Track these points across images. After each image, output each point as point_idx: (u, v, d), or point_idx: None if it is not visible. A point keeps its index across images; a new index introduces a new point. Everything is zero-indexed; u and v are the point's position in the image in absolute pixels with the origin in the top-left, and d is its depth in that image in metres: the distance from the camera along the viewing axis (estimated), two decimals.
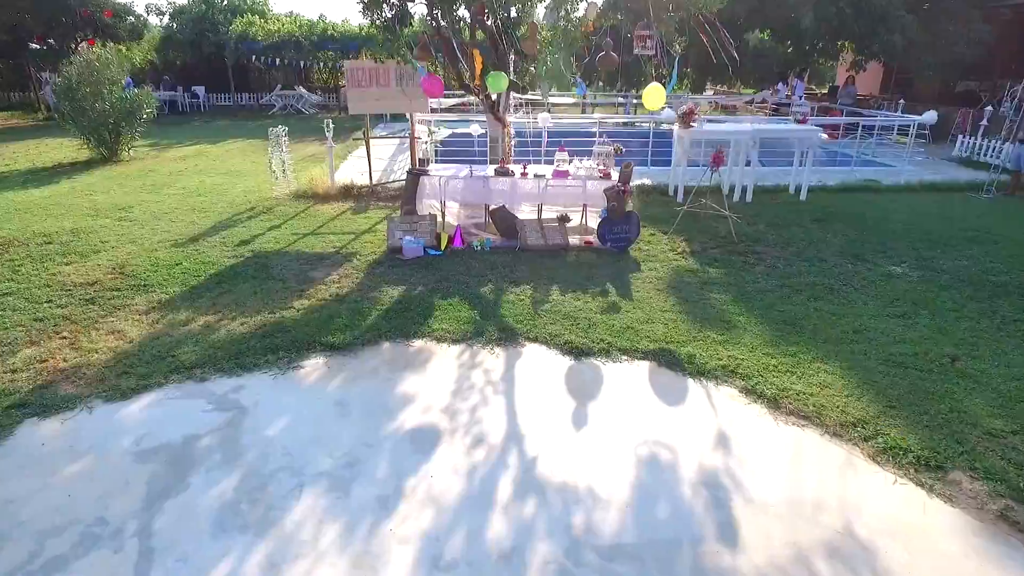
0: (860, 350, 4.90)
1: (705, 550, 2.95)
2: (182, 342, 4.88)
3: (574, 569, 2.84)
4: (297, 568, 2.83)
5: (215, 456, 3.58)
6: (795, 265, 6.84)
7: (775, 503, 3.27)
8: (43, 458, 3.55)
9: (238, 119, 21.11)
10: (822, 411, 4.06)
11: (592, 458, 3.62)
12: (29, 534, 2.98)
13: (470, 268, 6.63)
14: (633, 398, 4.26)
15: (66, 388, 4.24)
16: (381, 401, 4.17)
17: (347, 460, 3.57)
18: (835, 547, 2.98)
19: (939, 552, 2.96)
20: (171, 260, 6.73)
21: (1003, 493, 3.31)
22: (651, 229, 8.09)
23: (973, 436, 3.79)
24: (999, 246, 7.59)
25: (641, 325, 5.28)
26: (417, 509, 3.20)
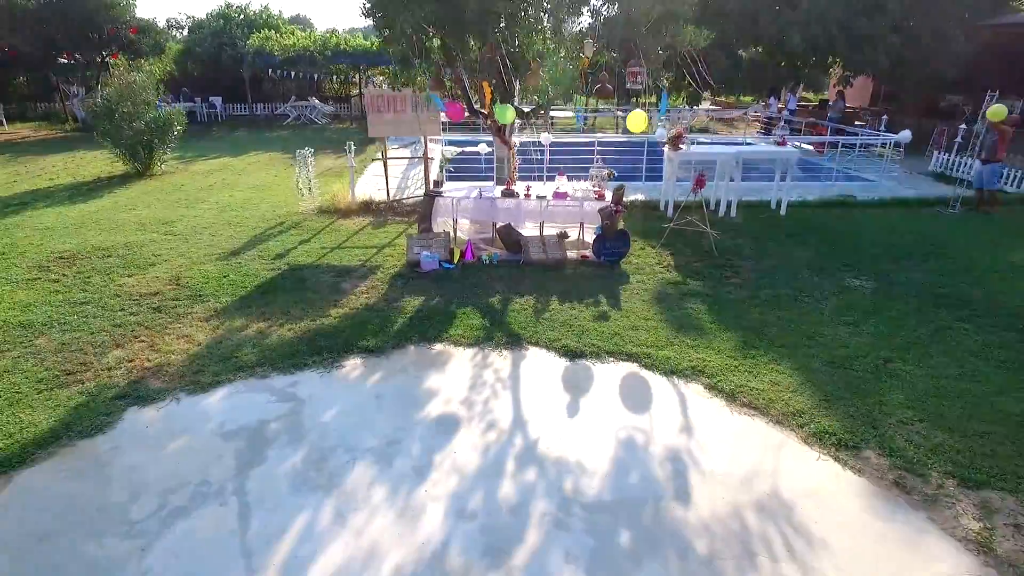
0: (810, 353, 5.83)
1: (664, 506, 3.90)
2: (241, 345, 5.84)
3: (565, 519, 3.79)
4: (357, 517, 3.79)
5: (283, 436, 4.55)
6: (766, 278, 7.78)
7: (721, 473, 4.22)
8: (149, 437, 4.52)
9: (255, 130, 22.11)
10: (770, 404, 5.00)
11: (581, 439, 4.56)
12: (155, 491, 3.95)
13: (480, 280, 7.59)
14: (616, 393, 5.21)
15: (154, 383, 5.21)
16: (411, 394, 5.13)
17: (387, 440, 4.53)
18: (763, 505, 3.92)
19: (842, 508, 3.90)
20: (219, 272, 7.71)
21: (899, 466, 4.25)
22: (641, 243, 9.03)
23: (886, 423, 4.73)
24: (951, 260, 8.51)
25: (627, 332, 6.23)
26: (444, 476, 4.15)
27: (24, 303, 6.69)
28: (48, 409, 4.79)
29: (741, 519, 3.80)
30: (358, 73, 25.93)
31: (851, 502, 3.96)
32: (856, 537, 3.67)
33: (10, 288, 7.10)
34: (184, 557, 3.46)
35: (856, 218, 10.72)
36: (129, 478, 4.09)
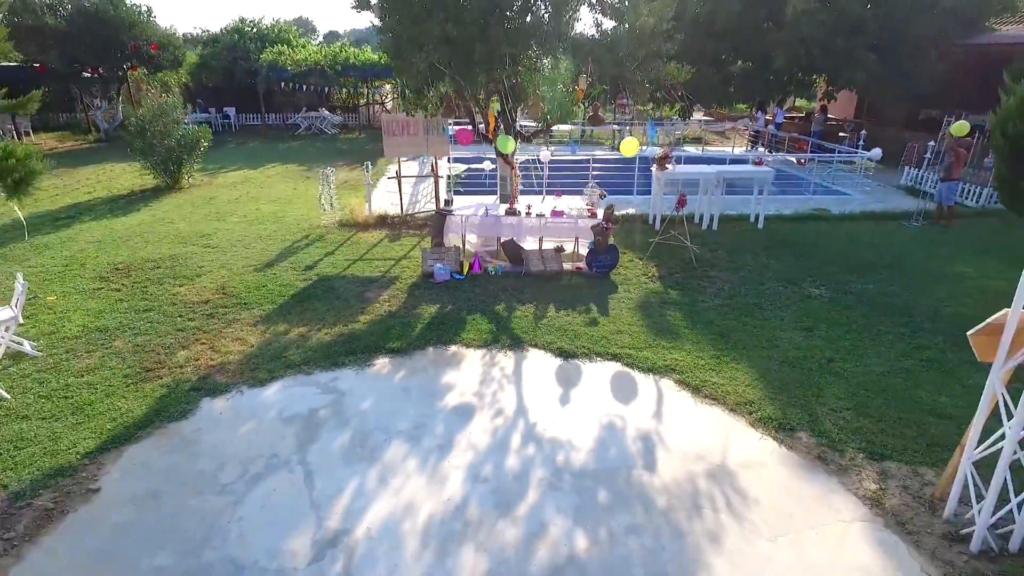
0: (766, 354, 6.92)
1: (634, 473, 4.99)
2: (288, 347, 6.94)
3: (557, 483, 4.88)
4: (396, 481, 4.88)
5: (331, 421, 5.64)
6: (738, 288, 8.87)
7: (682, 449, 5.31)
8: (224, 422, 5.62)
9: (268, 140, 23.22)
10: (727, 395, 6.09)
11: (571, 423, 5.65)
12: (236, 462, 5.05)
13: (486, 290, 8.68)
14: (601, 387, 6.30)
15: (220, 378, 6.31)
16: (432, 388, 6.22)
17: (415, 424, 5.62)
18: (712, 473, 5.02)
19: (773, 476, 4.99)
20: (258, 283, 8.80)
21: (823, 444, 5.34)
22: (630, 255, 10.13)
23: (820, 411, 5.82)
24: (904, 271, 9.60)
25: (613, 335, 7.32)
26: (463, 452, 5.25)
27: (96, 310, 7.79)
28: (138, 399, 5.89)
29: (694, 483, 4.89)
30: (366, 85, 27.02)
31: (781, 471, 5.05)
32: (781, 496, 4.76)
33: (81, 297, 8.20)
34: (267, 509, 4.56)
35: (826, 231, 11.81)
36: (214, 452, 5.19)
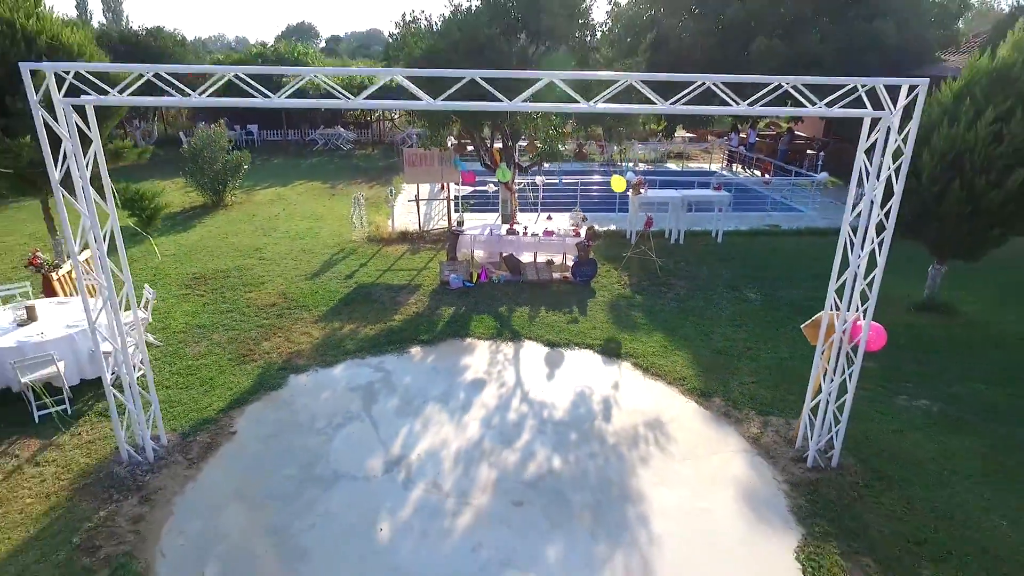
0: (702, 344, 9.24)
1: (595, 423, 7.31)
2: (344, 339, 9.25)
3: (543, 428, 7.19)
4: (433, 427, 7.19)
5: (384, 390, 7.95)
6: (691, 293, 11.19)
7: (629, 408, 7.62)
8: (308, 390, 7.93)
9: (290, 157, 25.53)
10: (667, 373, 8.41)
11: (553, 391, 7.97)
12: (322, 416, 7.36)
13: (491, 295, 11.00)
14: (577, 367, 8.62)
15: (298, 361, 8.61)
16: (454, 369, 8.54)
17: (443, 392, 7.93)
18: (647, 422, 7.33)
19: (690, 424, 7.31)
20: (311, 289, 11.11)
21: (729, 404, 7.65)
22: (607, 267, 12.44)
23: (732, 383, 8.14)
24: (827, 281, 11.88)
25: (588, 330, 9.64)
26: (478, 410, 7.56)
27: (191, 311, 10.10)
28: (243, 376, 8.20)
29: (635, 429, 7.21)
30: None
31: (696, 422, 7.37)
32: (693, 437, 7.08)
33: (175, 301, 10.51)
34: (350, 444, 6.87)
35: (774, 244, 14.13)
36: (305, 410, 7.50)
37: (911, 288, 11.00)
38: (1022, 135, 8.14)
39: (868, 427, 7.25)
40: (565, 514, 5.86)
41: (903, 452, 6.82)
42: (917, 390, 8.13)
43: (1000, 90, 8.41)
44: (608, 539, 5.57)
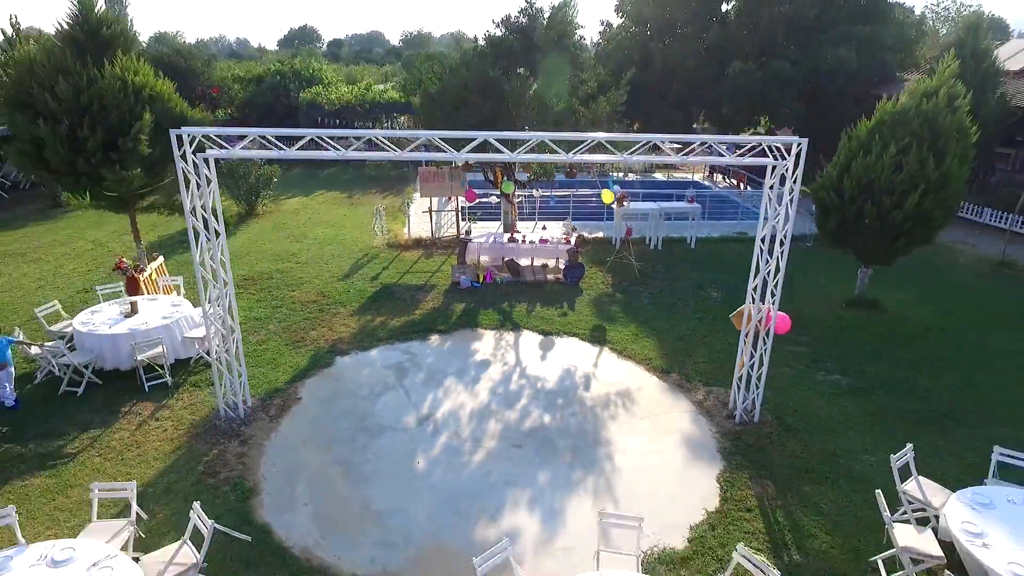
0: (668, 333, 11.37)
1: (578, 391, 9.45)
2: (376, 329, 11.38)
3: (536, 395, 9.33)
4: (452, 394, 9.32)
5: (412, 368, 10.09)
6: (664, 292, 13.32)
7: (604, 381, 9.76)
8: (353, 368, 10.06)
9: (307, 167, 27.63)
10: (637, 355, 10.54)
11: (546, 368, 10.10)
12: (365, 386, 9.50)
13: (495, 293, 13.12)
14: (566, 351, 10.75)
15: (341, 346, 10.74)
16: (466, 352, 10.67)
17: (459, 369, 10.06)
18: (618, 391, 9.47)
19: (650, 392, 9.45)
20: (343, 289, 13.24)
21: (683, 379, 9.79)
22: (594, 270, 14.57)
23: (688, 363, 10.27)
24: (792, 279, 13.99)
25: (575, 322, 11.77)
26: (486, 382, 9.70)
27: (246, 307, 12.22)
28: (300, 357, 10.33)
29: (607, 395, 9.35)
30: (388, 118, 31.38)
31: (656, 391, 9.51)
32: (652, 402, 9.22)
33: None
34: (389, 406, 9.00)
35: (739, 250, 16.24)
36: (352, 382, 9.63)
37: (845, 287, 13.14)
38: (916, 166, 10.27)
39: (788, 394, 9.39)
40: (552, 453, 8.00)
41: (811, 412, 8.96)
42: (834, 368, 10.27)
43: (900, 129, 10.54)
44: (583, 469, 7.71)
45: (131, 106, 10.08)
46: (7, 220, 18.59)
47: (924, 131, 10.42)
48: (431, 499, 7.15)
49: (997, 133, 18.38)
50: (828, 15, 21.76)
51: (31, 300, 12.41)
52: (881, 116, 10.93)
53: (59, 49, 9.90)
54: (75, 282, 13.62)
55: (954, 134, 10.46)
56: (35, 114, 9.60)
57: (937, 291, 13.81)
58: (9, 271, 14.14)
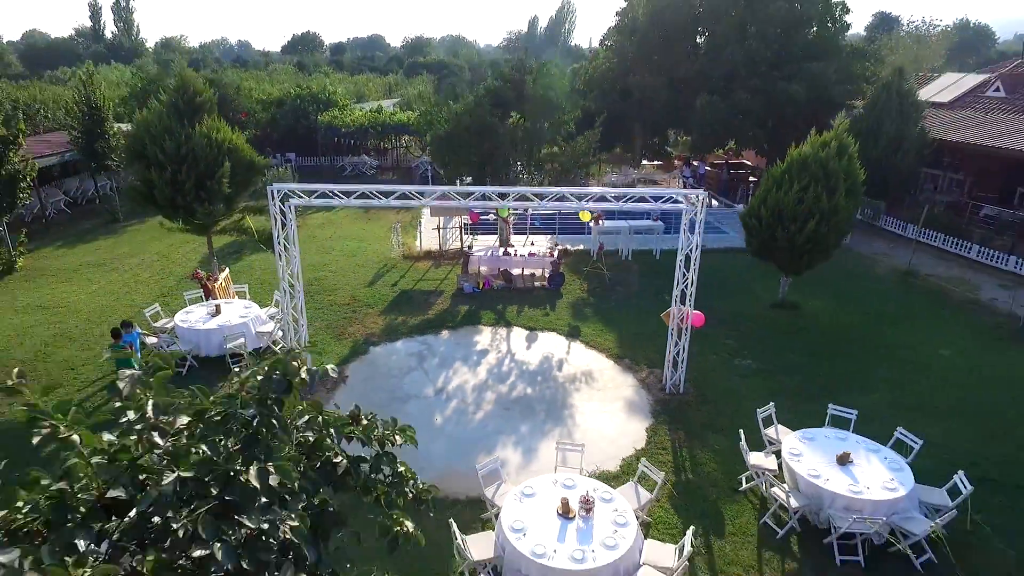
0: (627, 329, 14.60)
1: (553, 372, 12.69)
2: (399, 325, 14.61)
3: (522, 374, 12.55)
4: (459, 374, 12.55)
5: (428, 354, 13.32)
6: (629, 297, 16.54)
7: (574, 364, 12.99)
8: (384, 355, 13.29)
9: (325, 180, 30.83)
10: (601, 345, 13.78)
11: (530, 355, 13.33)
12: (395, 369, 12.73)
13: (492, 297, 16.35)
14: (546, 343, 13.98)
15: (373, 339, 13.97)
16: (469, 343, 13.90)
17: (464, 356, 13.30)
18: (584, 371, 12.70)
19: (609, 373, 12.68)
20: (370, 294, 16.46)
21: (633, 363, 13.02)
22: (572, 278, 17.79)
23: (642, 353, 13.50)
24: (724, 287, 17.24)
25: (555, 320, 15.00)
26: (485, 365, 12.93)
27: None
28: (343, 346, 13.55)
29: (574, 374, 12.58)
30: (397, 138, 34.61)
31: (610, 371, 12.74)
32: (607, 378, 12.45)
33: None
34: (414, 382, 12.22)
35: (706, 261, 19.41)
36: (384, 366, 12.86)
37: (773, 292, 16.37)
38: (813, 200, 13.48)
39: (711, 375, 12.61)
40: (531, 413, 11.22)
41: (724, 387, 12.18)
42: (749, 356, 13.50)
43: (803, 171, 13.75)
44: (553, 423, 10.93)
45: (215, 156, 13.29)
46: (80, 234, 21.82)
47: (820, 173, 13.62)
48: (446, 443, 10.36)
49: (920, 159, 21.56)
50: (783, 54, 24.95)
51: (123, 303, 15.66)
52: (790, 160, 14.13)
53: (165, 114, 13.11)
54: (153, 288, 16.84)
55: (843, 176, 13.66)
56: (147, 163, 12.85)
57: (849, 295, 17.03)
58: (99, 279, 17.37)
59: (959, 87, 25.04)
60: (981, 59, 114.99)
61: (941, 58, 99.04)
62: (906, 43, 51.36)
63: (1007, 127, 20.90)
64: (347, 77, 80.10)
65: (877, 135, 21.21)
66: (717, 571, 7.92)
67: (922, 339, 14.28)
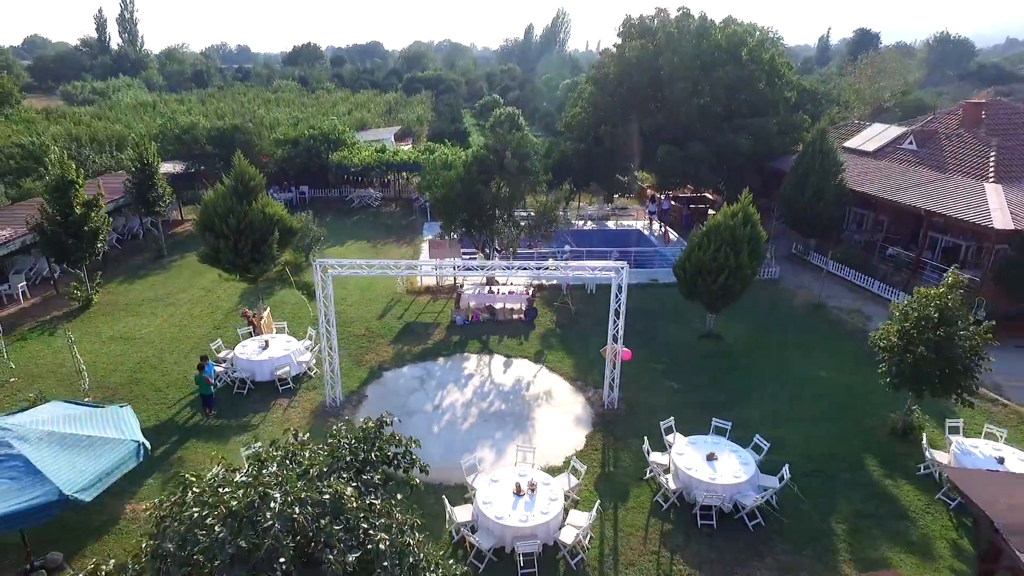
0: (583, 357, 18.73)
1: (521, 392, 16.81)
2: (405, 354, 18.73)
3: (500, 393, 16.68)
4: (452, 393, 16.66)
5: (428, 378, 17.44)
6: (589, 328, 20.65)
7: (538, 385, 17.12)
8: (393, 378, 17.42)
9: (336, 213, 34.90)
10: (561, 370, 17.92)
11: (506, 378, 17.46)
12: (403, 389, 16.85)
13: (479, 328, 20.47)
14: (520, 368, 18.11)
15: (385, 365, 18.09)
16: (459, 369, 18.03)
17: (456, 379, 17.42)
18: (545, 391, 16.83)
19: (564, 392, 16.81)
20: (381, 326, 20.57)
21: (585, 384, 17.15)
22: (545, 310, 21.90)
23: (591, 375, 17.62)
24: (663, 317, 21.37)
25: (528, 348, 19.14)
26: (472, 387, 17.05)
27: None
28: (363, 371, 17.67)
29: (538, 393, 16.70)
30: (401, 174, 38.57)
31: (566, 392, 16.87)
32: (562, 396, 16.58)
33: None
34: (417, 399, 16.34)
35: (652, 293, 23.59)
36: (394, 386, 16.98)
37: (702, 324, 20.50)
38: (723, 259, 17.58)
39: (643, 394, 16.73)
40: (503, 424, 15.34)
41: (649, 404, 16.29)
42: (676, 378, 17.61)
43: (716, 235, 17.87)
44: (518, 431, 15.04)
45: (267, 226, 17.40)
46: (133, 269, 25.91)
47: (729, 238, 17.75)
48: (440, 446, 14.46)
49: (839, 206, 25.63)
50: (730, 110, 29.07)
51: (185, 334, 19.77)
52: (711, 225, 18.24)
53: (227, 195, 17.23)
54: (206, 321, 20.92)
55: (746, 240, 17.78)
56: (215, 234, 16.96)
57: (766, 325, 21.17)
58: (160, 313, 21.47)
59: (882, 138, 29.13)
60: (962, 71, 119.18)
61: (922, 70, 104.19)
62: (891, 56, 55.67)
63: (911, 180, 25.03)
64: (348, 96, 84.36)
65: (803, 187, 25.33)
66: (619, 530, 12.05)
67: (810, 362, 18.45)
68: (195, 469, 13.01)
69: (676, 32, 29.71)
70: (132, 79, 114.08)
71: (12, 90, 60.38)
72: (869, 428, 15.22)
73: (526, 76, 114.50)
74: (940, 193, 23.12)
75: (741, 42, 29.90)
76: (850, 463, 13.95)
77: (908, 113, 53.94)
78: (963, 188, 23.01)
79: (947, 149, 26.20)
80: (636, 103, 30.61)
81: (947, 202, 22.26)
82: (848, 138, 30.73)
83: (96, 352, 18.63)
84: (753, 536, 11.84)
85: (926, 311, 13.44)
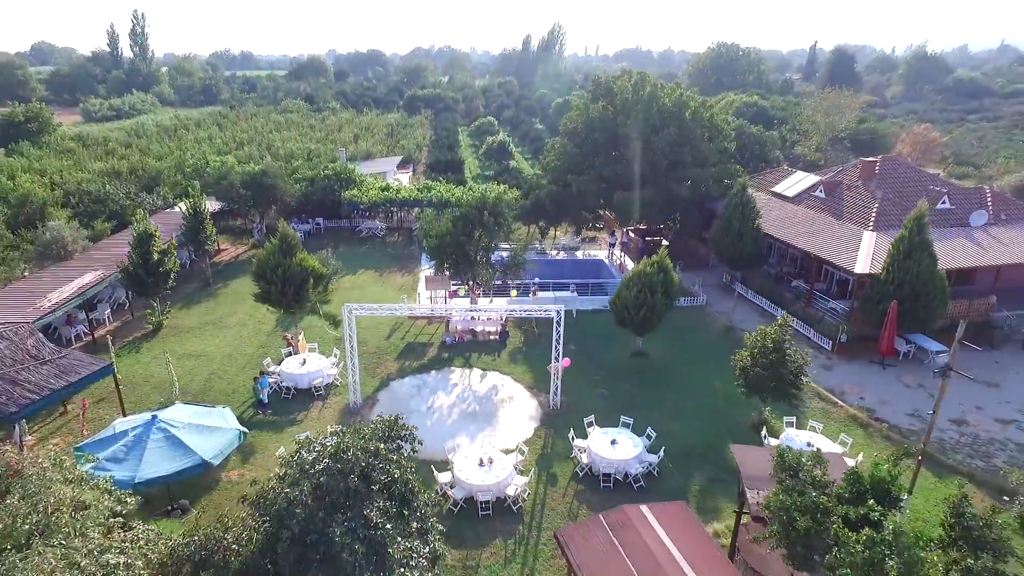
0: (540, 369, 24.90)
1: (493, 397, 23.03)
2: (407, 367, 24.94)
3: (477, 398, 22.87)
4: (441, 398, 22.86)
5: (424, 387, 23.65)
6: (548, 346, 26.80)
7: (506, 391, 23.32)
8: (399, 387, 23.63)
9: (347, 243, 41.07)
10: (522, 380, 24.13)
11: (481, 387, 23.65)
12: (404, 395, 23.05)
13: (464, 347, 26.67)
14: (492, 379, 24.31)
15: (392, 376, 24.30)
16: (447, 379, 24.23)
17: (445, 387, 23.62)
18: (509, 395, 23.03)
19: (522, 397, 23.01)
20: (389, 345, 26.78)
21: (539, 390, 23.35)
22: (516, 333, 28.09)
23: (543, 384, 23.82)
24: (608, 340, 27.56)
25: (499, 363, 25.35)
26: (455, 393, 23.25)
27: (341, 356, 25.76)
28: (376, 381, 23.88)
29: (504, 398, 22.90)
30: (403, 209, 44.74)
31: (524, 396, 23.08)
32: (521, 400, 22.78)
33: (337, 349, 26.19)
34: (415, 402, 22.53)
35: (601, 319, 29.73)
36: (399, 393, 23.19)
37: (632, 344, 26.64)
38: (643, 299, 23.73)
39: (581, 398, 22.89)
40: (476, 420, 21.53)
41: (587, 405, 22.44)
42: (607, 386, 23.79)
43: (638, 280, 24.04)
44: (487, 425, 21.23)
45: (304, 276, 23.62)
46: (187, 296, 32.12)
47: (647, 283, 23.90)
48: (433, 436, 20.58)
49: (757, 244, 31.74)
50: (673, 162, 35.24)
51: (240, 351, 25.98)
52: (634, 272, 24.38)
53: (275, 252, 23.49)
54: (253, 341, 27.11)
55: (660, 285, 23.92)
56: (267, 281, 23.18)
57: (684, 345, 27.33)
58: (217, 334, 27.67)
59: (800, 185, 35.24)
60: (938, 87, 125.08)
61: (900, 86, 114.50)
62: (842, 95, 62.51)
63: (812, 225, 31.16)
64: (353, 117, 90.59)
65: (729, 229, 31.50)
66: (547, 488, 18.25)
67: (708, 373, 24.64)
68: (263, 451, 19.30)
69: (631, 97, 35.87)
70: (146, 94, 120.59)
71: (49, 119, 66.35)
72: (736, 422, 21.41)
73: (522, 93, 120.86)
74: (828, 238, 29.32)
75: (685, 104, 36.06)
76: (714, 446, 20.14)
77: (859, 143, 60.44)
78: (848, 234, 29.21)
79: (846, 199, 32.36)
80: (599, 154, 36.79)
81: (829, 247, 28.46)
82: (776, 183, 36.87)
83: (175, 366, 24.82)
84: (636, 494, 18.03)
85: (764, 342, 19.62)
